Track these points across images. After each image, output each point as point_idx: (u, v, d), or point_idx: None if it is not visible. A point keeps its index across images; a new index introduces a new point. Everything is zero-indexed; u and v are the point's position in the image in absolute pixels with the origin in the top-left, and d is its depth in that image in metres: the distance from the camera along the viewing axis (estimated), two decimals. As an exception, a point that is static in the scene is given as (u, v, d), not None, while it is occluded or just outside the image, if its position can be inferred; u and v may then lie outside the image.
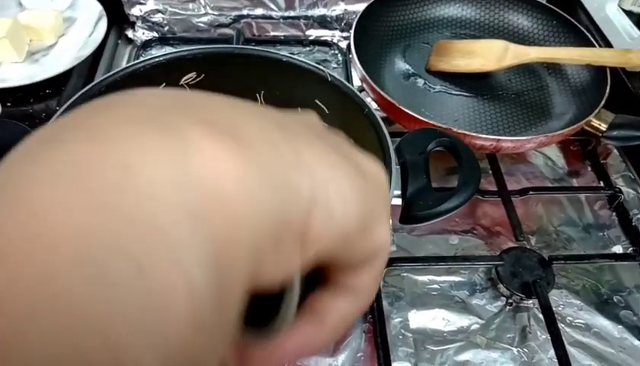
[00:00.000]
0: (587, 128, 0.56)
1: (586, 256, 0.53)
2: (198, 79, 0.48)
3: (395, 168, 0.37)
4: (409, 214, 0.36)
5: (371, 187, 0.16)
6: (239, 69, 0.49)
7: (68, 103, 0.41)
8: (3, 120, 0.41)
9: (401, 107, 0.54)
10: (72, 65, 0.60)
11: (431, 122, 0.53)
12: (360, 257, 0.17)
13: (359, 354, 0.45)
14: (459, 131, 0.52)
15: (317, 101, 0.48)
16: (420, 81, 0.66)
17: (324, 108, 0.48)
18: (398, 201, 0.37)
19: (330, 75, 0.45)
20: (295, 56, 0.48)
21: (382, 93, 0.56)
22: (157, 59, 0.46)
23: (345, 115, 0.46)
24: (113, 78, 0.44)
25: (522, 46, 0.63)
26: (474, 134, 0.52)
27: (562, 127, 0.55)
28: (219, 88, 0.52)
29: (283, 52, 0.50)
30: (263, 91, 0.50)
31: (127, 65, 0.45)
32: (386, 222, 0.17)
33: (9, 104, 0.57)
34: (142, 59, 0.46)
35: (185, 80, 0.47)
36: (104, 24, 0.65)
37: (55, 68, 0.59)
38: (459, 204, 0.35)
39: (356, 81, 0.64)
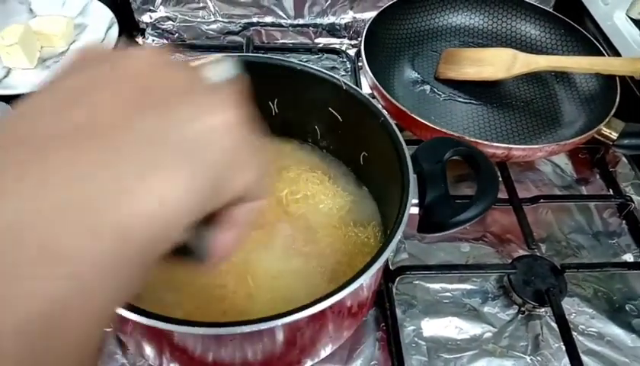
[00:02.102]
0: (597, 136, 0.56)
1: (598, 264, 0.53)
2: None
3: (412, 177, 0.38)
4: (428, 223, 0.36)
5: (199, 166, 0.17)
6: (253, 77, 0.48)
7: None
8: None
9: (413, 115, 0.54)
10: (84, 72, 0.60)
11: (443, 130, 0.53)
12: (227, 203, 0.20)
13: (372, 363, 0.45)
14: (471, 139, 0.52)
15: (330, 109, 0.48)
16: (429, 89, 0.67)
17: (338, 116, 0.48)
18: (416, 210, 0.37)
19: (345, 83, 0.45)
20: (308, 65, 0.48)
21: (392, 101, 0.56)
22: (172, 67, 0.46)
23: (359, 124, 0.46)
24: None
25: (531, 55, 0.63)
26: (486, 142, 0.52)
27: (573, 136, 0.56)
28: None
29: (292, 60, 0.50)
30: (276, 99, 0.50)
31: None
32: (239, 171, 0.19)
33: (21, 111, 0.57)
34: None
35: None
36: (115, 31, 0.65)
37: (66, 74, 0.59)
38: (478, 213, 0.35)
39: (365, 89, 0.64)
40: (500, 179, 0.58)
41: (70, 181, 0.15)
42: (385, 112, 0.43)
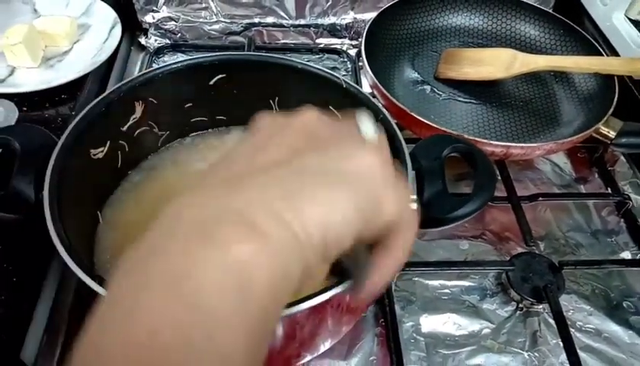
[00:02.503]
0: (595, 135, 0.57)
1: (596, 262, 0.53)
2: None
3: (411, 173, 0.38)
4: (426, 218, 0.37)
5: (359, 190, 0.21)
6: (254, 76, 0.49)
7: (89, 107, 0.42)
8: (27, 125, 0.41)
9: (412, 114, 0.54)
10: (87, 70, 0.61)
11: (442, 129, 0.53)
12: (381, 233, 0.23)
13: (371, 358, 0.45)
14: (470, 138, 0.53)
15: (330, 108, 0.49)
16: (429, 89, 0.67)
17: (338, 115, 0.49)
18: (414, 206, 0.38)
19: (345, 82, 0.45)
20: (310, 64, 0.48)
21: (393, 99, 0.57)
22: (174, 66, 0.47)
23: (359, 121, 0.46)
24: (131, 84, 0.45)
25: (530, 55, 0.64)
26: (485, 141, 0.52)
27: (571, 134, 0.56)
28: (234, 95, 0.53)
29: (293, 59, 0.51)
30: (277, 98, 0.51)
31: (145, 72, 0.46)
32: (390, 199, 0.22)
33: (25, 109, 0.58)
34: (159, 65, 0.47)
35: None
36: (118, 31, 0.66)
37: (70, 73, 0.60)
38: (476, 209, 0.36)
39: (366, 89, 0.64)
40: (499, 178, 0.58)
41: (267, 188, 0.20)
42: (384, 110, 0.44)
